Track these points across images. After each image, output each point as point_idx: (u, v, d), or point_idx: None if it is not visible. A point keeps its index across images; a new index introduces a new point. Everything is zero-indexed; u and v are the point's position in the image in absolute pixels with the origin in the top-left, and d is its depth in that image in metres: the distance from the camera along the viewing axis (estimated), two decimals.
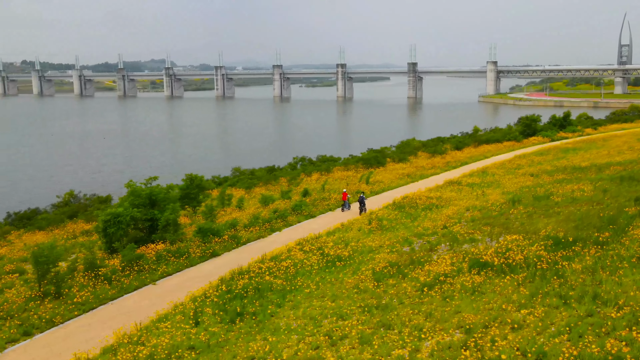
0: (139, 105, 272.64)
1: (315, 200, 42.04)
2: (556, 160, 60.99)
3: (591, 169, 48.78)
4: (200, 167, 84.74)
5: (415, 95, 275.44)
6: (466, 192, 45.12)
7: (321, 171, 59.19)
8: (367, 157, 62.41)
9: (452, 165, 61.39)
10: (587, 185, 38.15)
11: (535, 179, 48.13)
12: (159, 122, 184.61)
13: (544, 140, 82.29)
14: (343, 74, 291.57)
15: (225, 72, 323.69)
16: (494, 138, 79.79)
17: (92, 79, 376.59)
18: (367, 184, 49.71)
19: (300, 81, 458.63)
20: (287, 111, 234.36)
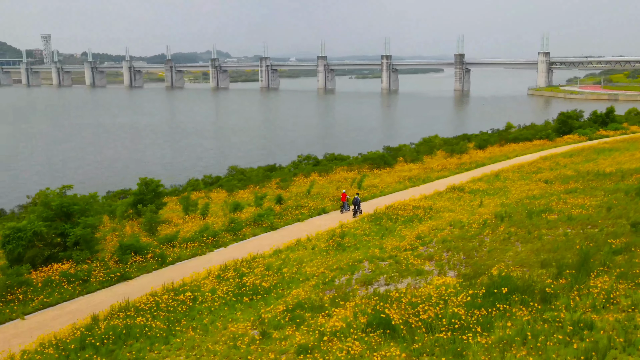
0: (182, 97, 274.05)
1: (288, 208, 37.84)
2: (584, 163, 54.73)
3: (613, 177, 42.73)
4: (212, 162, 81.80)
5: (462, 88, 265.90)
6: (463, 202, 40.09)
7: (321, 172, 54.89)
8: (373, 157, 57.60)
9: (465, 167, 55.93)
10: (596, 199, 32.79)
11: (547, 186, 42.55)
12: (194, 114, 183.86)
13: (580, 138, 75.28)
14: (388, 65, 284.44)
15: (269, 63, 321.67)
16: (523, 136, 73.36)
17: (141, 70, 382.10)
18: (359, 188, 45.11)
19: (344, 73, 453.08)
20: (327, 104, 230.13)
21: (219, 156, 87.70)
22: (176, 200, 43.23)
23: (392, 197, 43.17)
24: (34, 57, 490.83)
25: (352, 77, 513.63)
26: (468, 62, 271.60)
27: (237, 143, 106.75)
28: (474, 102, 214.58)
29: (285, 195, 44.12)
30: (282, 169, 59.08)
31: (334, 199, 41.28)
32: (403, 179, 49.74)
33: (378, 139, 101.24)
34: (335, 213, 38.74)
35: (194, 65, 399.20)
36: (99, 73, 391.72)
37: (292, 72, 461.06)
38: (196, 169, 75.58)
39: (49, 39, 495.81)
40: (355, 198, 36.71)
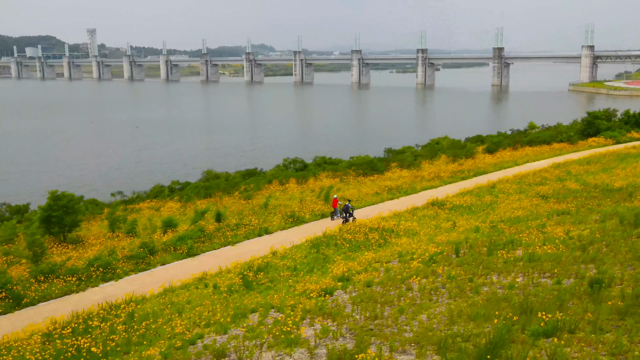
0: (211, 91, 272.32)
1: (226, 227, 32.79)
2: (599, 172, 47.87)
3: (620, 193, 36.14)
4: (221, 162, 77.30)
5: (501, 83, 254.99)
6: (436, 221, 34.30)
7: (300, 178, 49.69)
8: (360, 163, 52.00)
9: (461, 176, 49.77)
10: (584, 226, 26.69)
11: (540, 203, 36.31)
12: (215, 108, 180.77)
13: (607, 142, 67.63)
14: (424, 59, 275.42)
15: (303, 57, 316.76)
16: (540, 139, 66.24)
17: (178, 64, 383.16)
18: (326, 202, 39.69)
19: (384, 67, 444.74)
20: (360, 99, 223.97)
21: (212, 156, 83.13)
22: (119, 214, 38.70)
23: (359, 212, 37.67)
24: (80, 51, 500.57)
25: (392, 71, 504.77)
26: (507, 56, 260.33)
27: (243, 141, 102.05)
28: (511, 99, 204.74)
29: (242, 208, 39.17)
30: (262, 174, 54.08)
31: (291, 214, 36.06)
32: (383, 190, 44.06)
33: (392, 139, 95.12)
34: (312, 224, 34.16)
35: (228, 59, 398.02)
36: (138, 67, 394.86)
37: (332, 66, 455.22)
38: (185, 170, 71.34)
39: (94, 33, 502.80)
40: (345, 205, 34.58)
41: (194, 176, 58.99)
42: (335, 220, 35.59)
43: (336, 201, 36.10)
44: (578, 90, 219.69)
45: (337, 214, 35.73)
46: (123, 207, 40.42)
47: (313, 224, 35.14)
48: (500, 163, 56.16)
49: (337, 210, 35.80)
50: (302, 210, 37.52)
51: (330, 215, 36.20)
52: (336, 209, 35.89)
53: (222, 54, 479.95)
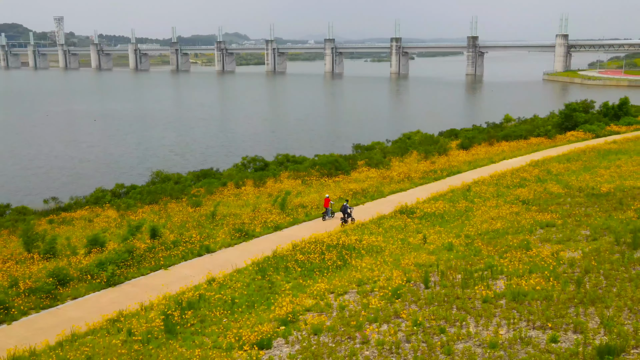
0: (183, 81, 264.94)
1: (157, 247, 28.14)
2: (581, 172, 44.27)
3: (609, 199, 32.45)
4: (178, 160, 72.11)
5: (475, 72, 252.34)
6: (404, 234, 30.18)
7: (257, 180, 45.16)
8: (324, 162, 47.65)
9: (435, 177, 45.69)
10: (575, 247, 22.86)
11: (521, 211, 32.32)
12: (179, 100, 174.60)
13: (585, 136, 64.34)
14: (397, 48, 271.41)
15: (276, 46, 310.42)
16: (517, 133, 62.61)
17: (147, 53, 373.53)
18: (282, 210, 35.24)
19: (359, 56, 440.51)
20: (332, 89, 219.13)
21: (170, 153, 77.70)
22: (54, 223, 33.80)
23: (317, 222, 33.37)
24: (48, 40, 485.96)
25: (366, 60, 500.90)
26: (482, 45, 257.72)
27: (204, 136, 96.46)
28: (485, 88, 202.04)
29: (186, 218, 34.55)
30: (217, 175, 49.39)
31: (239, 227, 31.55)
32: (347, 194, 39.74)
33: (363, 133, 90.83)
34: (263, 238, 29.95)
35: (199, 48, 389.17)
36: (106, 56, 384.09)
37: (307, 55, 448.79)
38: (138, 169, 66.07)
39: (62, 21, 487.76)
40: (343, 205, 32.70)
41: (145, 177, 54.01)
42: (328, 220, 33.60)
43: (328, 200, 33.93)
44: (552, 79, 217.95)
45: (329, 214, 33.86)
46: (51, 217, 35.49)
47: (264, 238, 30.69)
48: (475, 161, 52.32)
49: (329, 210, 33.89)
50: (254, 221, 33.08)
51: (322, 215, 34.04)
52: (327, 209, 33.82)
53: (195, 42, 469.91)
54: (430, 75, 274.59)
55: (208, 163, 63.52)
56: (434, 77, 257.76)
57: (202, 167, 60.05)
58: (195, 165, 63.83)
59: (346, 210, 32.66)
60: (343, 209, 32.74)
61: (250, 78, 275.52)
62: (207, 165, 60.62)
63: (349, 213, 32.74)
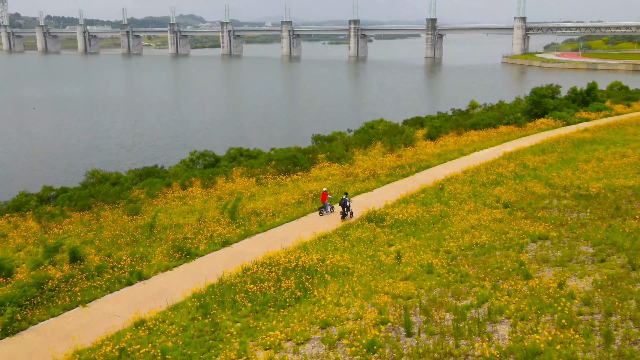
0: (134, 64, 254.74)
1: (78, 275, 23.11)
2: (560, 165, 41.02)
3: (601, 201, 28.84)
4: (122, 155, 65.86)
5: (434, 55, 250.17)
6: (373, 249, 25.86)
7: (206, 179, 40.17)
8: (281, 158, 42.95)
9: (402, 173, 41.58)
10: (577, 272, 18.89)
11: (505, 218, 28.42)
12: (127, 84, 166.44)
13: (556, 123, 61.48)
14: (356, 31, 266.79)
15: (231, 28, 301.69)
16: (486, 121, 59.16)
17: (97, 35, 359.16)
18: (232, 219, 30.51)
19: (317, 38, 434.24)
20: (290, 73, 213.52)
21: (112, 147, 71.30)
22: None
23: (272, 235, 28.78)
24: None
25: (324, 42, 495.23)
26: (440, 27, 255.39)
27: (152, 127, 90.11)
28: (445, 72, 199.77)
29: (118, 232, 29.46)
30: (162, 174, 44.16)
31: (181, 244, 26.73)
32: (307, 197, 35.24)
33: (322, 121, 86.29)
34: (209, 257, 25.12)
35: (151, 31, 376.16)
36: (53, 38, 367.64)
37: (264, 37, 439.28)
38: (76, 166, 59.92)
39: (5, 1, 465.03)
40: (342, 199, 30.70)
41: (82, 176, 48.16)
42: (325, 215, 31.64)
43: (325, 195, 31.84)
44: (511, 62, 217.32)
45: (327, 209, 31.89)
46: None
47: (210, 257, 25.96)
48: (444, 153, 48.49)
49: (327, 204, 31.86)
50: (198, 234, 28.31)
51: (318, 210, 31.95)
52: (325, 204, 31.77)
53: (149, 24, 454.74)
54: (389, 58, 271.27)
55: (156, 158, 58.20)
56: (393, 60, 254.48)
57: (150, 162, 54.79)
58: (142, 160, 58.38)
59: (345, 203, 30.67)
60: (342, 203, 30.72)
61: (204, 61, 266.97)
62: (155, 160, 55.38)
63: (348, 207, 30.73)
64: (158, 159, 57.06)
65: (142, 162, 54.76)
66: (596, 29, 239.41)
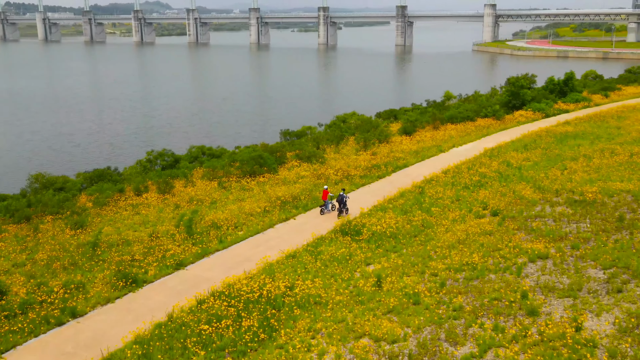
0: (96, 53, 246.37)
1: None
2: (546, 163, 38.37)
3: (596, 209, 25.98)
4: (73, 155, 61.11)
5: (404, 43, 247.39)
6: (349, 272, 22.56)
7: (162, 182, 36.29)
8: (246, 159, 39.24)
9: (378, 174, 38.30)
10: (589, 307, 15.93)
11: (495, 228, 25.36)
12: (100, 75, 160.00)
13: (535, 116, 58.93)
14: (325, 18, 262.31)
15: (198, 15, 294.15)
16: (463, 114, 56.23)
17: (57, 22, 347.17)
18: (189, 234, 26.85)
19: (286, 26, 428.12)
20: (258, 62, 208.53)
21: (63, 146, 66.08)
22: None
23: (234, 254, 25.23)
24: None
25: (294, 30, 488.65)
26: (411, 14, 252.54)
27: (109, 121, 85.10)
28: (416, 60, 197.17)
29: (56, 253, 25.55)
30: (115, 176, 40.06)
31: (127, 269, 23.02)
32: (274, 204, 31.71)
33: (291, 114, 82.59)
34: (159, 283, 21.36)
35: (115, 18, 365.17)
36: (11, 25, 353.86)
37: (232, 25, 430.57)
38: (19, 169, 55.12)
39: None
40: (340, 195, 29.79)
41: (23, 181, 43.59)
42: (326, 214, 30.25)
43: (326, 193, 30.34)
44: (482, 50, 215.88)
45: (328, 208, 30.49)
46: None
47: (160, 284, 22.33)
48: (421, 150, 45.34)
49: (328, 202, 30.43)
50: (148, 254, 24.63)
51: (320, 209, 30.53)
52: (327, 202, 30.37)
53: (113, 11, 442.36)
54: (359, 46, 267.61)
55: (112, 158, 53.97)
56: (363, 48, 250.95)
57: (105, 163, 50.52)
58: (97, 160, 54.08)
59: (343, 200, 29.67)
60: (340, 199, 29.67)
61: (170, 50, 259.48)
62: (112, 160, 51.32)
63: (344, 203, 29.66)
64: (114, 159, 52.91)
65: (96, 163, 50.54)
66: (565, 17, 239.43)
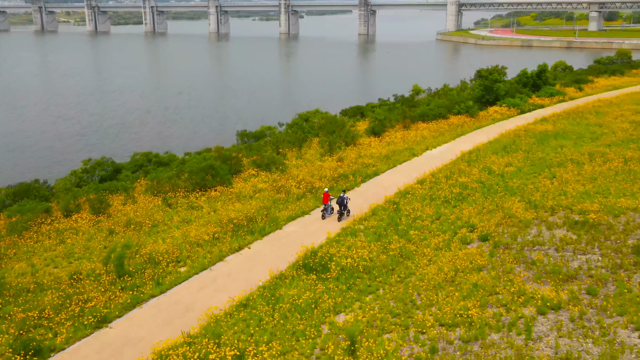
0: (46, 43, 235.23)
1: None
2: (529, 168, 34.53)
3: (608, 237, 22.09)
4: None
5: (367, 32, 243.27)
6: (313, 330, 18.02)
7: (97, 201, 31.06)
8: (194, 170, 34.25)
9: (346, 185, 33.76)
10: None
11: (488, 259, 21.24)
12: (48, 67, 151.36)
13: (510, 112, 55.38)
14: (287, 6, 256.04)
15: (154, 4, 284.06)
16: (435, 112, 52.22)
17: (6, 10, 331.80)
18: (119, 274, 21.91)
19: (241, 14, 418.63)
20: (219, 53, 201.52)
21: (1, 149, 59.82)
22: None
23: (173, 301, 20.51)
24: None
25: (255, 19, 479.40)
26: (373, 3, 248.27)
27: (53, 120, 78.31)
28: (379, 50, 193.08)
29: None
30: (42, 191, 34.56)
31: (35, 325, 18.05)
32: (226, 229, 26.94)
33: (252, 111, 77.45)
34: None
35: (68, 6, 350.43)
36: None
37: (191, 13, 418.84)
38: None
39: None
40: (340, 197, 28.35)
41: None
42: (327, 218, 28.79)
43: (327, 196, 28.94)
44: (446, 39, 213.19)
45: (329, 212, 29.00)
46: None
47: (72, 351, 17.39)
48: (392, 154, 41.06)
49: (329, 206, 28.90)
50: (63, 306, 19.64)
51: (321, 213, 28.98)
52: (327, 206, 28.80)
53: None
54: (322, 35, 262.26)
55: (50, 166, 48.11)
56: (325, 38, 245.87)
57: (41, 172, 44.92)
58: (34, 169, 48.18)
59: (343, 202, 28.32)
60: (340, 201, 28.33)
61: (124, 39, 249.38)
62: (49, 169, 45.45)
63: (345, 205, 28.28)
64: (52, 167, 47.21)
65: (30, 173, 44.89)
66: (528, 5, 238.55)
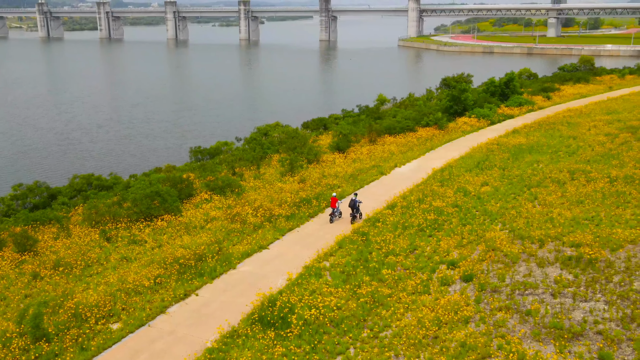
0: None
1: None
2: (507, 188, 31.68)
3: (610, 278, 19.40)
4: None
5: (329, 38, 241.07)
6: None
7: (21, 239, 26.91)
8: (139, 197, 30.33)
9: (309, 212, 30.39)
10: None
11: (475, 312, 18.11)
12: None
13: (480, 123, 52.92)
14: (246, 12, 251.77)
15: (109, 9, 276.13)
16: (403, 124, 49.38)
17: None
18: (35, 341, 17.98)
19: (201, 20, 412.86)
20: (178, 60, 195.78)
21: None
22: None
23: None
24: None
25: (215, 24, 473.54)
26: (334, 9, 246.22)
27: None
28: (341, 56, 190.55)
29: None
30: None
31: None
32: (169, 271, 23.23)
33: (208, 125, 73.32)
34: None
35: (17, 11, 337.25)
36: None
37: (149, 19, 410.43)
38: None
39: None
40: (352, 200, 28.09)
41: None
42: (336, 222, 28.83)
43: (335, 200, 28.84)
44: (408, 45, 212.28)
45: (337, 215, 29.12)
46: None
47: None
48: (359, 172, 37.92)
49: (336, 210, 28.94)
50: None
51: (329, 217, 29.02)
52: (334, 210, 28.81)
53: (19, 3, 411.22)
54: (283, 41, 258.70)
55: None
56: (286, 44, 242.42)
57: None
58: None
59: (355, 205, 28.43)
60: (352, 204, 28.46)
61: (77, 46, 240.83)
62: None
63: (357, 208, 28.41)
64: None
65: None
66: (487, 12, 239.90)
